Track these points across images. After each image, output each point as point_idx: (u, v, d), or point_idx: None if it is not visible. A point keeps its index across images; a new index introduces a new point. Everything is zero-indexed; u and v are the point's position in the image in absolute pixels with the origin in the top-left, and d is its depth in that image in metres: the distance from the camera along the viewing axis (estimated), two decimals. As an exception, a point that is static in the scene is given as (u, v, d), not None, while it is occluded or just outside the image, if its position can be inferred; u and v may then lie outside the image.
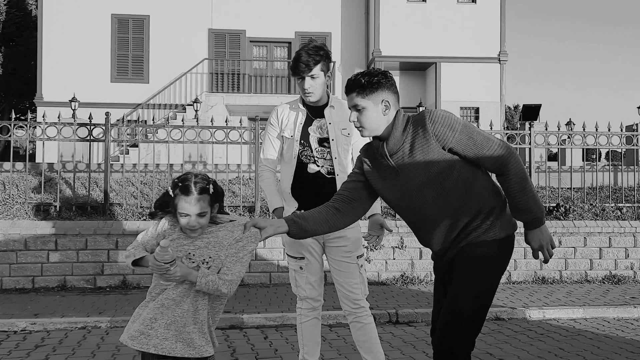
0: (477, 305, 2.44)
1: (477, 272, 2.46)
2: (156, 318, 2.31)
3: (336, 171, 3.26)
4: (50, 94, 18.76)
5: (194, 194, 2.28)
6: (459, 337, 2.43)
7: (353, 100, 2.54)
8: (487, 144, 2.44)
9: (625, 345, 4.62)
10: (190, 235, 2.36)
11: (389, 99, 2.53)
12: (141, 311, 2.38)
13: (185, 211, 2.28)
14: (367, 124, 2.53)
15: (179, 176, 2.37)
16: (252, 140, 8.04)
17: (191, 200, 2.27)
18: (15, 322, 5.12)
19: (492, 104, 19.06)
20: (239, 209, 7.64)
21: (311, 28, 19.66)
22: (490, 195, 2.51)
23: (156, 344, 2.27)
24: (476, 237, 2.47)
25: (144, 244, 2.40)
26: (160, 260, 2.20)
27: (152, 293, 2.40)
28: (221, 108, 17.68)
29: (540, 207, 2.47)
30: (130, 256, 2.34)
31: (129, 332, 2.33)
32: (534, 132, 8.08)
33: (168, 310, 2.31)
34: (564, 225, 7.57)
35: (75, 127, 7.57)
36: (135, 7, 19.36)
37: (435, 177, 2.45)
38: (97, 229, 6.91)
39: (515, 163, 2.44)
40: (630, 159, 13.75)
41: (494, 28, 19.22)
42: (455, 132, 2.42)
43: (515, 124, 36.82)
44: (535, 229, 2.50)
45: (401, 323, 5.43)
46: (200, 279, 2.29)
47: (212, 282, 2.30)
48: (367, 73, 2.54)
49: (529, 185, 2.44)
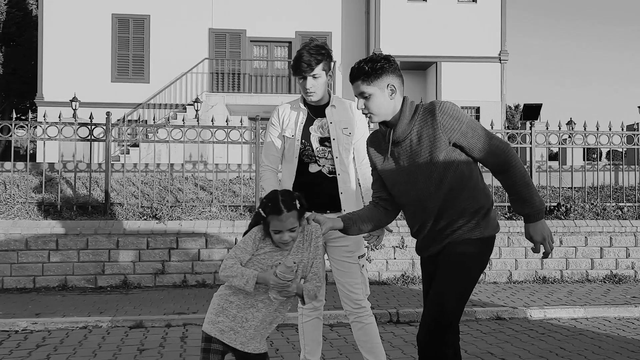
0: (460, 302, 2.52)
1: (460, 271, 2.51)
2: (247, 318, 2.50)
3: (337, 171, 3.26)
4: (51, 93, 18.76)
5: (284, 212, 2.46)
6: (443, 332, 2.47)
7: (359, 88, 2.55)
8: (490, 140, 2.51)
9: (626, 345, 4.62)
10: (283, 248, 2.55)
11: (394, 83, 2.56)
12: (226, 305, 2.52)
13: (278, 228, 2.47)
14: (376, 110, 2.56)
15: (267, 196, 2.57)
16: (253, 140, 8.04)
17: (282, 218, 2.46)
18: (17, 321, 5.12)
19: (492, 104, 19.05)
20: (239, 209, 7.64)
21: (312, 27, 19.65)
22: (481, 195, 2.56)
23: (243, 342, 2.48)
24: (460, 235, 2.52)
25: (240, 260, 2.52)
26: (283, 279, 2.42)
27: (236, 289, 2.53)
28: (221, 108, 17.68)
29: (542, 200, 2.54)
30: (248, 281, 2.44)
31: (218, 325, 2.49)
32: (534, 132, 8.08)
33: (259, 313, 2.52)
34: (565, 225, 7.56)
35: (76, 126, 7.58)
36: (136, 7, 19.36)
37: (436, 169, 2.50)
38: (98, 228, 6.91)
39: (516, 160, 2.52)
40: (631, 159, 13.73)
41: (494, 27, 19.21)
42: (462, 124, 2.47)
43: (516, 124, 36.79)
44: (537, 222, 2.53)
45: (402, 322, 5.43)
46: (308, 293, 2.54)
47: (312, 290, 2.56)
48: (369, 59, 2.55)
49: (530, 180, 2.54)
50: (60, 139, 7.51)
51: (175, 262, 6.97)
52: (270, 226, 2.49)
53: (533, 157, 8.17)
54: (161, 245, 6.97)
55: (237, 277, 2.44)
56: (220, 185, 8.33)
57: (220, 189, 8.21)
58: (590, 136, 8.21)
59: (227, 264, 2.48)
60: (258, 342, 2.51)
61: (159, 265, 6.93)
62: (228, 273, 2.46)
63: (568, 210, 7.87)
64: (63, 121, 7.59)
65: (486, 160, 2.52)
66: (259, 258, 2.53)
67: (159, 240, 6.97)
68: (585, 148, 8.33)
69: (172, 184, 8.27)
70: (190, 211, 7.40)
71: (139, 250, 6.93)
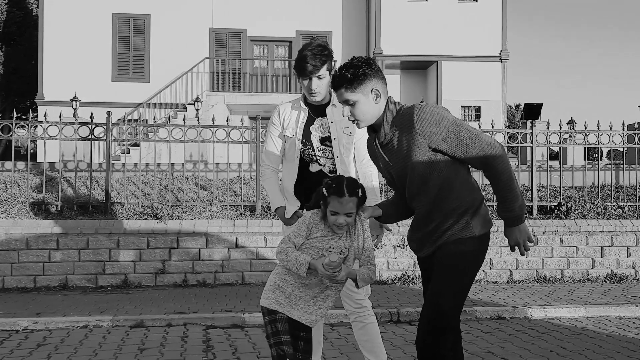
0: (457, 302, 2.50)
1: (455, 271, 2.50)
2: (300, 296, 2.64)
3: (338, 170, 3.25)
4: (52, 93, 18.77)
5: (346, 195, 2.52)
6: (440, 334, 2.46)
7: (343, 95, 2.54)
8: (474, 143, 2.44)
9: (626, 344, 4.61)
10: (336, 231, 2.61)
11: (378, 87, 2.54)
12: (282, 283, 2.66)
13: (337, 209, 2.54)
14: (362, 116, 2.55)
15: (332, 178, 2.64)
16: (253, 139, 8.04)
17: (343, 201, 2.52)
18: (17, 321, 5.12)
19: (493, 103, 19.04)
20: (240, 209, 7.64)
21: (312, 27, 19.65)
22: (469, 193, 2.54)
23: (299, 316, 2.64)
24: (453, 235, 2.51)
25: (295, 243, 2.64)
26: (330, 271, 2.49)
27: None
28: (222, 107, 17.68)
29: (522, 207, 2.50)
30: (301, 267, 2.55)
31: (276, 299, 2.64)
32: (535, 131, 8.07)
33: (310, 290, 2.64)
34: (566, 224, 7.56)
35: (77, 126, 7.58)
36: (136, 6, 19.36)
37: (418, 174, 2.49)
38: (99, 228, 6.91)
39: (502, 162, 2.45)
40: (632, 158, 13.72)
41: (495, 26, 19.20)
42: (443, 129, 2.43)
43: (516, 123, 36.78)
44: (514, 227, 2.52)
45: (402, 322, 5.43)
46: (362, 277, 2.60)
47: (366, 274, 2.62)
48: (350, 65, 2.53)
49: (514, 184, 2.47)
50: (61, 138, 7.52)
51: (176, 262, 6.97)
52: (329, 206, 2.55)
53: (534, 156, 8.16)
54: (162, 244, 6.97)
55: (292, 261, 2.57)
56: (221, 185, 8.33)
57: (221, 188, 8.21)
58: (591, 135, 8.20)
59: (282, 247, 2.62)
60: (313, 316, 2.65)
61: (159, 264, 6.93)
62: (283, 257, 2.60)
63: (569, 209, 7.87)
64: (64, 121, 7.59)
65: (470, 162, 2.50)
66: (311, 241, 2.62)
67: (159, 240, 6.97)
68: (586, 147, 8.33)
69: (172, 184, 8.27)
70: (191, 211, 7.40)
71: (140, 249, 6.93)
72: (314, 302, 2.66)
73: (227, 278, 7.03)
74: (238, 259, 7.06)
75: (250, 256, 7.09)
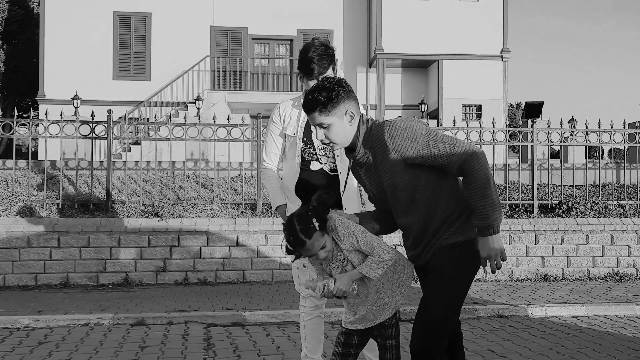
0: (451, 307, 2.46)
1: (448, 277, 2.46)
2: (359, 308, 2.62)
3: (339, 169, 3.26)
4: (53, 91, 18.77)
5: (307, 241, 2.43)
6: (433, 339, 2.44)
7: (316, 119, 2.47)
8: (450, 151, 2.38)
9: (627, 343, 4.62)
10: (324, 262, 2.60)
11: (352, 109, 2.49)
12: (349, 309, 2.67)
13: (310, 254, 2.51)
14: (337, 139, 2.50)
15: (286, 232, 2.47)
16: (254, 137, 8.04)
17: (308, 247, 2.44)
18: (18, 319, 5.14)
19: (494, 102, 19.02)
20: (241, 207, 7.64)
21: (313, 26, 19.64)
22: (458, 200, 2.51)
23: (351, 322, 2.63)
24: (446, 240, 2.47)
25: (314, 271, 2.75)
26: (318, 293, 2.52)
27: None
28: (223, 105, 17.68)
29: (498, 217, 2.39)
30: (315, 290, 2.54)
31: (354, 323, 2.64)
32: (536, 130, 8.07)
33: (362, 303, 2.60)
34: (567, 223, 7.56)
35: (78, 124, 7.58)
36: (137, 5, 19.36)
37: (401, 189, 2.46)
38: (100, 226, 6.92)
39: (479, 168, 2.37)
40: (633, 157, 13.73)
41: (496, 25, 19.17)
42: (416, 143, 2.39)
43: (517, 122, 36.77)
44: (487, 237, 2.40)
45: (403, 320, 5.42)
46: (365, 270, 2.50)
47: (369, 265, 2.51)
48: (322, 88, 2.45)
49: (490, 191, 2.37)
50: (62, 136, 7.52)
51: (177, 260, 6.98)
52: (302, 256, 2.53)
53: (535, 155, 8.16)
54: (163, 243, 6.98)
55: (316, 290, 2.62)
56: (222, 183, 8.34)
57: (222, 186, 8.22)
58: (592, 134, 8.20)
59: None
60: (363, 321, 2.62)
61: (160, 263, 6.94)
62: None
63: (570, 208, 7.87)
64: (65, 119, 7.59)
65: (447, 169, 2.45)
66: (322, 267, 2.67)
67: (160, 238, 6.98)
68: (587, 146, 8.33)
69: (173, 182, 8.28)
70: (192, 209, 7.41)
71: (141, 248, 6.94)
72: (372, 303, 2.60)
73: (228, 276, 7.04)
74: (239, 257, 7.07)
75: (251, 254, 7.10)
